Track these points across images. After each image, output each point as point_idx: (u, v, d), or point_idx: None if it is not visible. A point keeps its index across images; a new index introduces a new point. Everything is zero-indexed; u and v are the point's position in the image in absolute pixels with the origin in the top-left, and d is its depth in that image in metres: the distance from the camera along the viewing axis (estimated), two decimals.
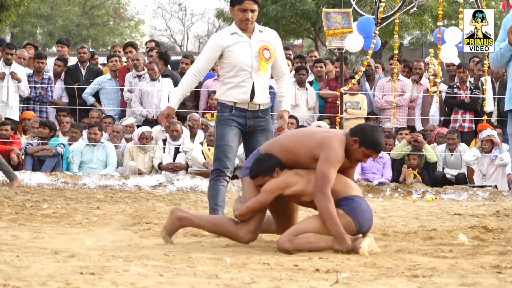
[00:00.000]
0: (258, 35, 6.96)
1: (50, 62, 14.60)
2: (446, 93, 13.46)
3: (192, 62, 14.00)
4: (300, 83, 13.71)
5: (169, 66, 14.20)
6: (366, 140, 5.78)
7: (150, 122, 13.47)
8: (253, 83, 6.91)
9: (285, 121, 7.11)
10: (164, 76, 13.58)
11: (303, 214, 6.90)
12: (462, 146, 12.70)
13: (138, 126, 13.40)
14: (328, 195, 5.66)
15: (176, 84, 13.30)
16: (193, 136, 13.17)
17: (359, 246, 5.56)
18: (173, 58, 15.97)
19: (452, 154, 12.64)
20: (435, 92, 13.02)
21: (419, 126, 13.74)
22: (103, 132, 12.93)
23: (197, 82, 7.08)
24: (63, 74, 14.35)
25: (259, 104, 7.02)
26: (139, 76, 13.65)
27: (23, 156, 12.70)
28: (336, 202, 5.72)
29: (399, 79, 13.78)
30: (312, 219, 5.86)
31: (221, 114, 6.99)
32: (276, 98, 11.87)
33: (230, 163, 7.02)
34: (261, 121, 7.02)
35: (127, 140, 13.17)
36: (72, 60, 15.41)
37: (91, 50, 16.96)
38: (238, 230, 5.91)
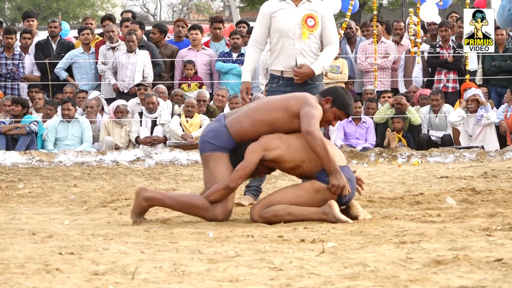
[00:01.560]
0: (306, 4, 7.00)
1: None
2: (428, 53, 13.23)
3: (160, 31, 13.81)
4: None
5: (144, 37, 13.87)
6: (339, 100, 5.84)
7: (124, 94, 13.13)
8: (297, 50, 6.93)
9: (298, 71, 6.90)
10: (140, 47, 13.26)
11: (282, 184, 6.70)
12: (446, 107, 12.52)
13: (112, 100, 13.09)
14: (318, 133, 5.59)
15: (152, 56, 13.10)
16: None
17: (337, 216, 5.54)
18: (146, 28, 15.63)
19: (436, 116, 12.47)
20: (417, 52, 12.81)
21: (402, 89, 13.51)
22: (77, 107, 12.64)
23: (259, 52, 7.14)
24: (32, 48, 13.90)
25: None
26: (113, 48, 13.34)
27: None
28: (318, 173, 5.66)
29: (382, 41, 13.53)
30: (286, 190, 5.82)
31: (270, 86, 7.08)
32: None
33: None
34: (310, 87, 6.90)
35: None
36: (42, 35, 14.98)
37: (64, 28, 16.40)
38: (214, 208, 5.75)
